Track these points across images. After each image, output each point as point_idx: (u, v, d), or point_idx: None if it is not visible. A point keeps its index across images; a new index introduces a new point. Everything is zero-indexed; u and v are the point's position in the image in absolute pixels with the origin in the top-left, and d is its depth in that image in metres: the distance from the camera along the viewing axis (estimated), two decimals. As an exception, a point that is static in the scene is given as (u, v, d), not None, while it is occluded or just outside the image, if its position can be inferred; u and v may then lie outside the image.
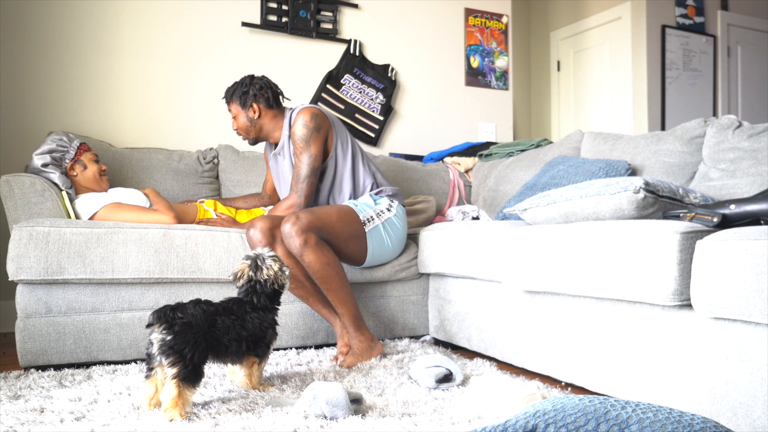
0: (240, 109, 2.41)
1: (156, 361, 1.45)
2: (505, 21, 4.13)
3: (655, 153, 2.31)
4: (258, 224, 2.15)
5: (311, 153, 2.31)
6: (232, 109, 2.43)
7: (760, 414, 1.28)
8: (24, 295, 2.00)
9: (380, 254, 2.38)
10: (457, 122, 3.94)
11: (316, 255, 2.08)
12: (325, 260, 2.10)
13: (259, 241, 2.13)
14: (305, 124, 2.32)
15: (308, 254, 2.07)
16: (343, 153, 2.42)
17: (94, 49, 3.02)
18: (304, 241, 2.07)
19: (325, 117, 2.38)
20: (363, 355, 2.09)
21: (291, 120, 2.41)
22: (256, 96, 2.39)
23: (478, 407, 1.55)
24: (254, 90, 2.40)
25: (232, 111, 2.43)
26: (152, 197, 2.47)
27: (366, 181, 2.45)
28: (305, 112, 2.34)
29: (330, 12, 3.55)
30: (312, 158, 2.31)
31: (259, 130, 2.45)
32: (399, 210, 2.42)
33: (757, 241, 1.27)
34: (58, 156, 2.37)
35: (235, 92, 2.41)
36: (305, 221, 2.09)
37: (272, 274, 1.72)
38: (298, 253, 2.08)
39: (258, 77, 2.43)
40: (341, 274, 2.14)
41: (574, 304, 1.81)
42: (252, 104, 2.40)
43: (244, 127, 2.44)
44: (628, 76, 4.81)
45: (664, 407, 0.90)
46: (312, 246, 2.08)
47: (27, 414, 1.46)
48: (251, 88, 2.40)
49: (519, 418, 0.92)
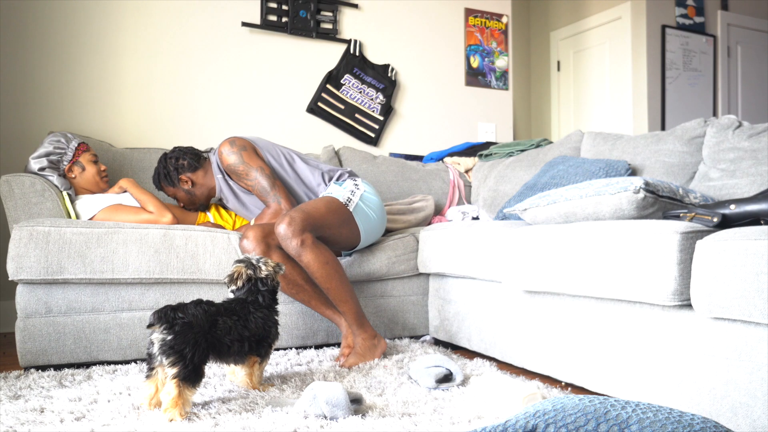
0: (174, 189, 2.48)
1: (156, 361, 1.45)
2: (505, 21, 4.13)
3: (655, 153, 2.31)
4: (250, 234, 2.14)
5: (255, 166, 2.32)
6: (168, 192, 2.51)
7: (760, 414, 1.28)
8: (24, 295, 2.00)
9: (370, 229, 2.39)
10: (457, 122, 3.94)
11: (314, 254, 2.08)
12: (324, 259, 2.10)
13: (253, 249, 2.12)
14: (230, 152, 2.32)
15: (306, 254, 2.07)
16: (278, 164, 2.42)
17: (95, 50, 3.02)
18: (301, 241, 2.07)
19: (243, 138, 2.39)
20: (366, 355, 2.09)
21: (217, 160, 2.43)
22: (178, 170, 2.44)
23: (478, 407, 1.55)
24: (172, 165, 2.44)
25: (169, 193, 2.51)
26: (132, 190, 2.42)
27: (315, 177, 2.45)
28: (224, 145, 2.35)
29: (330, 12, 3.55)
30: (260, 170, 2.32)
31: (203, 193, 2.50)
32: (364, 185, 2.44)
33: (757, 241, 1.27)
34: (55, 159, 2.35)
35: (160, 178, 2.47)
36: (299, 221, 2.08)
37: (271, 270, 1.74)
38: (296, 253, 2.08)
39: (168, 153, 2.48)
40: (340, 272, 2.14)
41: (574, 304, 1.81)
42: (180, 177, 2.45)
43: (188, 200, 2.51)
44: (628, 76, 4.81)
45: (664, 407, 0.90)
46: (309, 245, 2.08)
47: (27, 414, 1.46)
48: (169, 166, 2.45)
49: (519, 418, 0.92)
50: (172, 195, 2.50)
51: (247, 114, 3.35)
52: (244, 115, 3.34)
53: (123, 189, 2.44)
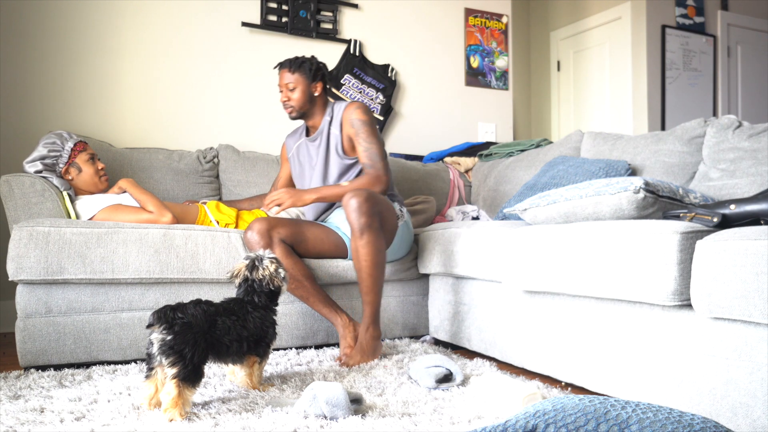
0: (305, 82, 2.43)
1: (156, 361, 1.45)
2: (505, 21, 4.13)
3: (655, 153, 2.31)
4: (255, 226, 2.15)
5: (381, 140, 2.39)
6: (292, 80, 2.42)
7: (760, 414, 1.28)
8: (24, 295, 2.00)
9: (394, 251, 2.43)
10: (457, 122, 3.94)
11: (375, 238, 2.11)
12: (380, 246, 2.14)
13: (257, 242, 2.12)
14: (366, 112, 2.39)
15: (368, 235, 2.09)
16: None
17: (94, 50, 3.02)
18: (371, 222, 2.09)
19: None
20: (369, 354, 2.09)
21: (334, 111, 2.47)
22: (324, 75, 2.46)
23: (478, 407, 1.55)
24: (323, 69, 2.46)
25: (292, 82, 2.42)
26: (131, 189, 2.40)
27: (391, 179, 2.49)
28: (360, 105, 2.41)
29: (330, 12, 3.55)
30: (383, 144, 2.39)
31: (311, 108, 2.47)
32: (407, 216, 2.49)
33: (757, 241, 1.27)
34: (50, 162, 2.33)
35: (304, 64, 2.43)
36: (375, 203, 2.12)
37: (267, 274, 1.71)
38: (359, 229, 2.08)
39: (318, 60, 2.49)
40: (384, 265, 2.17)
41: (574, 304, 1.81)
42: (319, 81, 2.44)
43: (300, 101, 2.44)
44: (628, 76, 4.81)
45: (664, 407, 0.90)
46: (375, 229, 2.11)
47: (27, 414, 1.46)
48: (320, 66, 2.46)
49: (519, 418, 0.92)
50: (294, 86, 2.43)
51: (247, 114, 3.35)
52: (244, 115, 3.34)
53: (123, 189, 2.43)
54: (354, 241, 2.12)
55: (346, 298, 2.44)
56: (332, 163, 2.47)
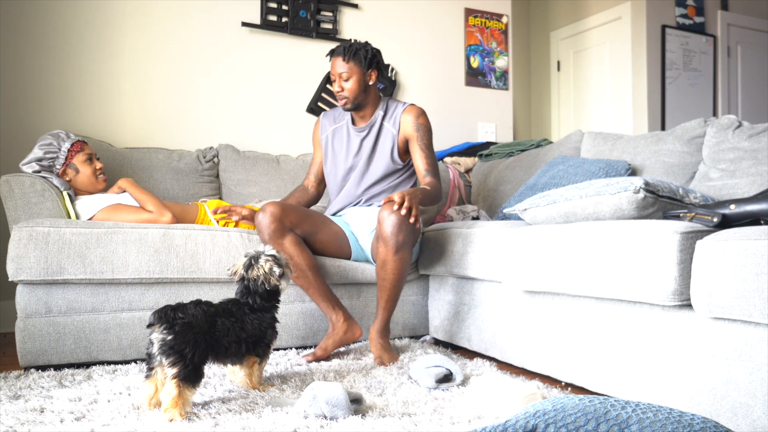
0: (360, 71, 2.30)
1: (156, 361, 1.45)
2: (505, 21, 4.13)
3: (655, 153, 2.31)
4: (268, 209, 2.10)
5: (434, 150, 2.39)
6: (347, 70, 2.29)
7: (760, 414, 1.28)
8: (24, 296, 2.00)
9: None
10: (457, 122, 3.94)
11: (408, 255, 2.09)
12: (410, 261, 2.13)
13: (267, 227, 2.08)
14: (428, 119, 2.39)
15: (403, 252, 2.06)
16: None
17: (94, 49, 3.02)
18: (405, 241, 2.05)
19: None
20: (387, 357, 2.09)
21: (389, 106, 2.42)
22: (379, 63, 2.35)
23: (478, 407, 1.55)
24: (378, 56, 2.33)
25: (346, 72, 2.29)
26: (131, 189, 2.39)
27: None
28: (423, 110, 2.40)
29: (330, 12, 3.55)
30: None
31: (365, 98, 2.36)
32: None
33: (757, 241, 1.27)
34: (47, 164, 2.33)
35: (359, 52, 2.29)
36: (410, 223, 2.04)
37: (261, 273, 1.69)
38: (394, 246, 2.03)
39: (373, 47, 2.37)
40: (406, 275, 2.15)
41: (574, 304, 1.81)
42: (374, 70, 2.34)
43: (355, 91, 2.32)
44: (628, 76, 4.81)
45: (664, 407, 0.90)
46: (409, 246, 2.09)
47: (27, 414, 1.46)
48: (375, 53, 2.33)
49: (519, 418, 0.92)
50: (348, 76, 2.30)
51: (247, 114, 3.35)
52: (244, 114, 3.34)
53: (122, 189, 2.43)
54: (385, 253, 2.06)
55: (345, 298, 2.43)
56: (378, 161, 2.41)
